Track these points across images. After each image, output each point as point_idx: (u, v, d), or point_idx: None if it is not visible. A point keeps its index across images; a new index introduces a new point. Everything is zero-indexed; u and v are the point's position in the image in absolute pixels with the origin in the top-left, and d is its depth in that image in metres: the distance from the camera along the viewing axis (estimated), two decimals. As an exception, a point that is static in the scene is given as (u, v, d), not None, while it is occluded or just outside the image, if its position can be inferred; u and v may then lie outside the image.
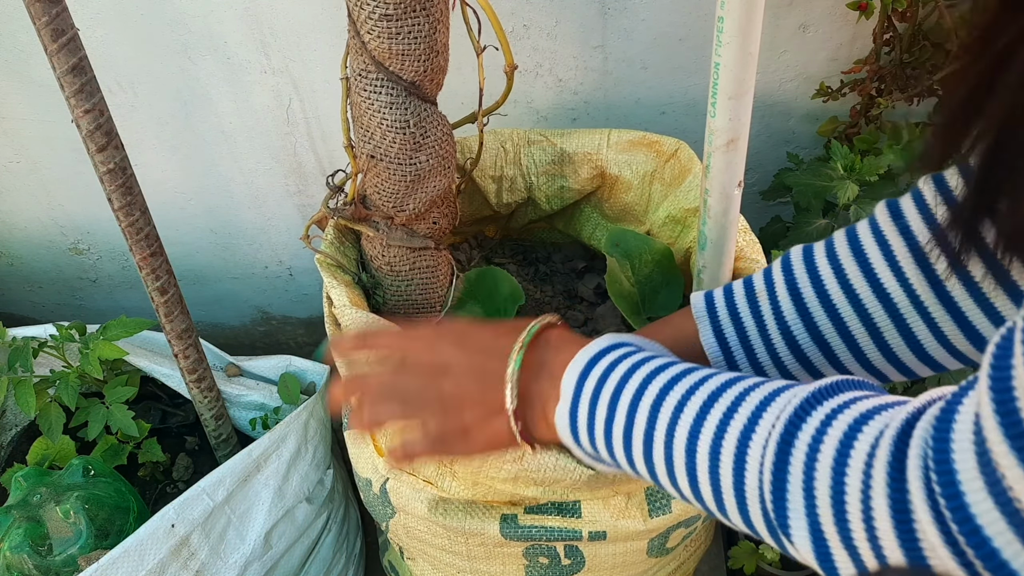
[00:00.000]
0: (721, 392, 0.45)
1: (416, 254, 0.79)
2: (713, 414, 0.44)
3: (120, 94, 1.06)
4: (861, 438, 0.39)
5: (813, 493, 0.39)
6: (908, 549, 0.35)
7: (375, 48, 0.66)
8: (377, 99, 0.69)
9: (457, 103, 1.00)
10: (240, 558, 0.87)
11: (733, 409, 0.44)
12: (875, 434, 0.38)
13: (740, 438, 0.43)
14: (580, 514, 0.71)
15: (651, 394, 0.47)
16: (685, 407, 0.45)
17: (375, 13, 0.64)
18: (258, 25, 0.99)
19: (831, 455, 0.39)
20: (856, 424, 0.39)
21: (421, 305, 0.83)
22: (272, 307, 1.38)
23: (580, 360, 0.50)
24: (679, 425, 0.45)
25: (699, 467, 0.45)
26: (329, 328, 0.77)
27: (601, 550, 0.75)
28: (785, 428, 0.41)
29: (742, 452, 0.43)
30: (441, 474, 0.70)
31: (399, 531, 0.80)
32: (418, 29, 0.65)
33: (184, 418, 1.08)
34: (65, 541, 0.85)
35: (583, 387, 0.50)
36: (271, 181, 1.17)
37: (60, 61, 0.67)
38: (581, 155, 0.93)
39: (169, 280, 0.82)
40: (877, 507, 0.37)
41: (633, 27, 1.00)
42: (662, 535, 0.75)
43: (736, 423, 0.43)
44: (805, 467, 0.40)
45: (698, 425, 0.45)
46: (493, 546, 0.75)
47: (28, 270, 1.34)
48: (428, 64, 0.68)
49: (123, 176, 0.74)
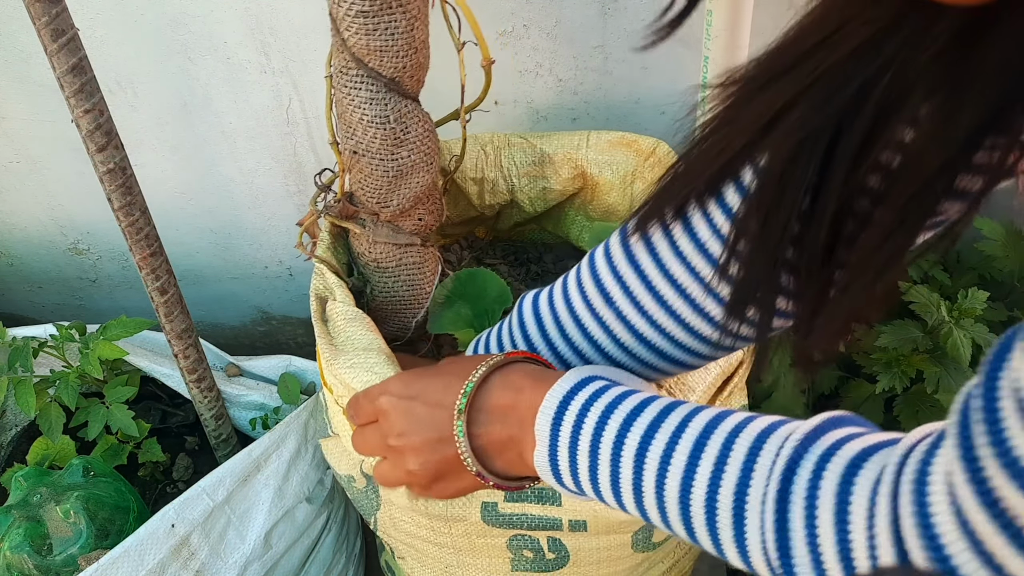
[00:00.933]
0: (707, 437, 0.44)
1: (402, 251, 0.81)
2: (703, 465, 0.43)
3: (120, 94, 1.06)
4: (856, 492, 0.38)
5: (819, 552, 0.39)
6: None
7: (354, 44, 0.67)
8: (357, 95, 0.70)
9: (445, 101, 1.00)
10: (240, 558, 0.87)
11: (723, 459, 0.43)
12: (871, 487, 0.38)
13: (736, 493, 0.42)
14: (560, 502, 0.71)
15: (633, 442, 0.46)
16: (672, 457, 0.44)
17: (352, 9, 0.65)
18: (258, 25, 0.99)
19: (830, 511, 0.39)
20: (846, 478, 0.39)
21: (408, 302, 0.84)
22: (272, 307, 1.38)
23: (550, 405, 0.49)
24: (668, 477, 0.44)
25: (695, 519, 0.44)
26: (317, 328, 0.77)
27: (585, 543, 0.75)
28: (780, 484, 0.40)
29: (739, 508, 0.42)
30: None
31: (386, 524, 0.80)
32: (395, 25, 0.66)
33: (184, 418, 1.08)
34: (65, 541, 0.85)
35: (559, 435, 0.48)
36: (271, 181, 1.17)
37: (60, 61, 0.67)
38: (561, 156, 0.93)
39: (169, 280, 0.82)
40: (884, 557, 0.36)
41: (633, 27, 1.00)
42: (645, 528, 0.75)
43: (729, 475, 0.42)
44: (806, 525, 0.39)
45: (689, 478, 0.43)
46: (476, 536, 0.75)
47: (28, 270, 1.34)
48: (407, 60, 0.68)
49: (123, 176, 0.74)
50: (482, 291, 0.83)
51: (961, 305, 0.90)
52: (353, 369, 0.71)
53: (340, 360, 0.72)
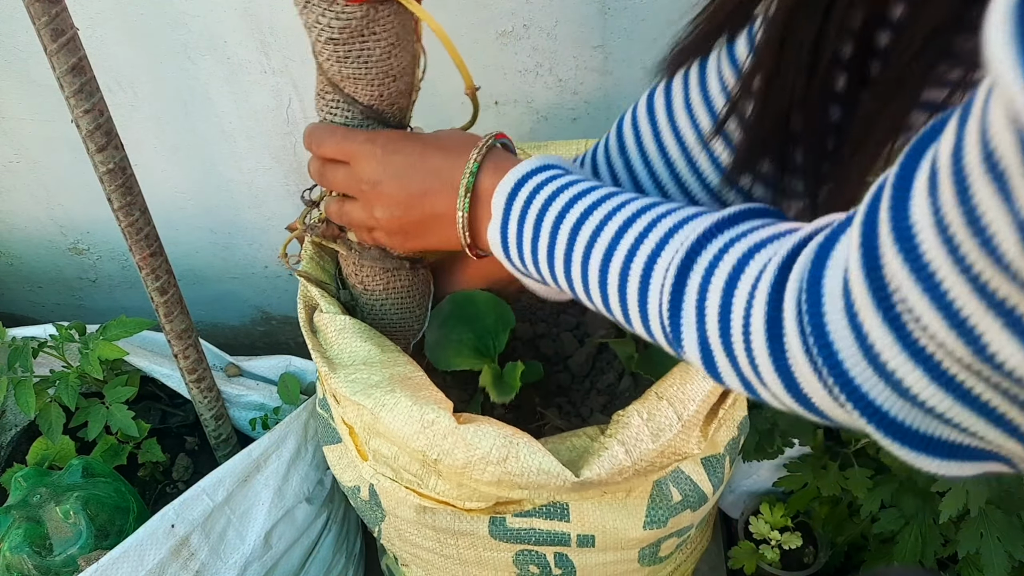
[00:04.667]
0: (635, 219, 0.49)
1: (390, 274, 0.77)
2: (626, 239, 0.49)
3: (120, 94, 1.06)
4: (752, 264, 0.42)
5: (704, 312, 0.44)
6: (778, 367, 0.39)
7: (327, 70, 0.64)
8: (334, 119, 0.67)
9: (445, 102, 1.00)
10: (240, 558, 0.87)
11: (643, 236, 0.48)
12: (764, 261, 0.42)
13: (647, 262, 0.47)
14: (568, 517, 0.70)
15: (572, 218, 0.52)
16: (602, 232, 0.50)
17: (322, 36, 0.61)
18: (258, 25, 0.98)
19: (723, 279, 0.43)
20: (748, 253, 0.43)
21: (398, 324, 0.81)
22: (272, 307, 1.38)
23: (508, 182, 0.55)
24: (595, 248, 0.50)
25: (610, 286, 0.50)
26: (308, 339, 0.76)
27: (591, 559, 0.74)
28: (686, 255, 0.45)
29: (647, 274, 0.47)
30: (426, 472, 0.70)
31: (391, 535, 0.79)
32: (367, 54, 0.62)
33: (184, 418, 1.08)
34: (65, 541, 0.85)
35: (511, 210, 0.55)
36: (271, 181, 1.17)
37: (60, 61, 0.66)
38: None
39: (169, 280, 0.82)
40: (755, 325, 0.40)
41: (633, 27, 1.00)
42: (653, 545, 0.74)
43: (644, 249, 0.48)
44: (699, 289, 0.44)
45: (611, 249, 0.49)
46: (483, 549, 0.74)
47: (28, 270, 1.34)
48: (383, 89, 0.64)
49: (123, 176, 0.74)
50: (479, 313, 0.80)
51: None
52: (354, 384, 0.69)
53: (339, 375, 0.70)
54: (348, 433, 0.75)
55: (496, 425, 0.65)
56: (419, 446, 0.65)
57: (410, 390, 0.67)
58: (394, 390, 0.67)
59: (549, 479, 0.63)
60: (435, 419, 0.64)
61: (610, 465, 0.64)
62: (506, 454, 0.63)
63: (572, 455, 0.66)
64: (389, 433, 0.66)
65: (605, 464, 0.64)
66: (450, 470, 0.66)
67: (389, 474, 0.71)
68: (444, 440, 0.64)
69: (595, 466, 0.64)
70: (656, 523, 0.71)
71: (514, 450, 0.63)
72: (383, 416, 0.66)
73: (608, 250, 0.49)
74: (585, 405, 0.84)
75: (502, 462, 0.63)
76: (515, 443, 0.63)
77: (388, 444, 0.70)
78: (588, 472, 0.63)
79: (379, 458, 0.72)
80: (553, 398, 0.85)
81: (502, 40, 0.99)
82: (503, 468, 0.63)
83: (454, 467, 0.65)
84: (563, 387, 0.87)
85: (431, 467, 0.68)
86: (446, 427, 0.64)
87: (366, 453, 0.74)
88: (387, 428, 0.66)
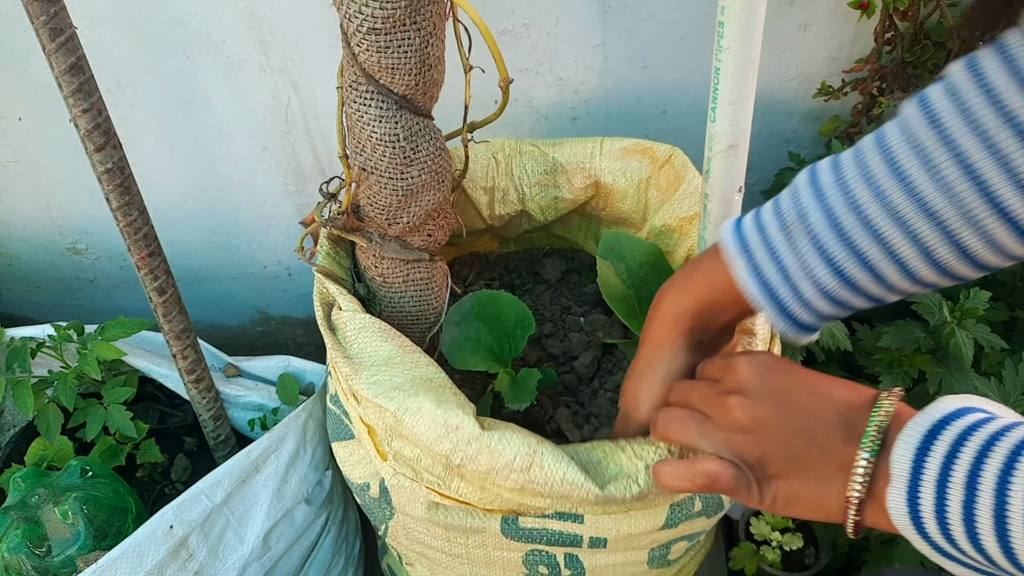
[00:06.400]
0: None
1: (410, 266, 0.78)
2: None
3: (118, 93, 1.06)
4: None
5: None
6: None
7: (365, 61, 0.65)
8: (367, 112, 0.68)
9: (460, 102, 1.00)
10: (239, 559, 0.87)
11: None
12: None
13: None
14: (583, 520, 0.70)
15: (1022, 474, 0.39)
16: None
17: (363, 27, 0.62)
18: (257, 24, 0.98)
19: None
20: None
21: (416, 317, 0.82)
22: (271, 307, 1.38)
23: (913, 433, 0.44)
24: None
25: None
26: (327, 338, 0.76)
27: (602, 560, 0.73)
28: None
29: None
30: (449, 474, 0.69)
31: (398, 533, 0.79)
32: (408, 43, 0.63)
33: (182, 419, 1.08)
34: (63, 542, 0.85)
35: (923, 468, 0.43)
36: (270, 181, 1.16)
37: (58, 60, 0.66)
38: (574, 164, 0.92)
39: (167, 280, 0.82)
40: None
41: (634, 26, 1.00)
42: (663, 546, 0.74)
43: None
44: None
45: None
46: (493, 548, 0.74)
47: (26, 270, 1.33)
48: (419, 78, 0.66)
49: (121, 176, 0.74)
50: (502, 314, 0.81)
51: (963, 305, 0.89)
52: (376, 386, 0.68)
53: (361, 376, 0.69)
54: (367, 432, 0.74)
55: (520, 432, 0.64)
56: (442, 450, 0.64)
57: (433, 393, 0.66)
58: (417, 393, 0.66)
59: (572, 490, 0.62)
60: (459, 424, 0.64)
61: (637, 489, 0.62)
62: (530, 462, 0.62)
63: (599, 467, 0.65)
64: (412, 437, 0.66)
65: (632, 488, 0.62)
66: (473, 475, 0.65)
67: (410, 474, 0.71)
68: (468, 446, 0.63)
69: (622, 485, 0.62)
70: (670, 525, 0.71)
71: (538, 459, 0.62)
72: (406, 420, 0.65)
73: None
74: (593, 405, 0.84)
75: (526, 470, 0.62)
76: (539, 452, 0.63)
77: (410, 446, 0.69)
78: (614, 489, 0.62)
79: (400, 459, 0.71)
80: (560, 397, 0.85)
81: (502, 39, 0.99)
82: (527, 476, 0.63)
83: (477, 472, 0.64)
84: (570, 387, 0.87)
85: (454, 470, 0.68)
86: (470, 432, 0.63)
87: (385, 453, 0.73)
88: (410, 432, 0.65)
